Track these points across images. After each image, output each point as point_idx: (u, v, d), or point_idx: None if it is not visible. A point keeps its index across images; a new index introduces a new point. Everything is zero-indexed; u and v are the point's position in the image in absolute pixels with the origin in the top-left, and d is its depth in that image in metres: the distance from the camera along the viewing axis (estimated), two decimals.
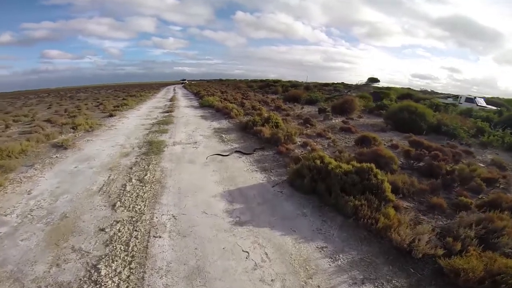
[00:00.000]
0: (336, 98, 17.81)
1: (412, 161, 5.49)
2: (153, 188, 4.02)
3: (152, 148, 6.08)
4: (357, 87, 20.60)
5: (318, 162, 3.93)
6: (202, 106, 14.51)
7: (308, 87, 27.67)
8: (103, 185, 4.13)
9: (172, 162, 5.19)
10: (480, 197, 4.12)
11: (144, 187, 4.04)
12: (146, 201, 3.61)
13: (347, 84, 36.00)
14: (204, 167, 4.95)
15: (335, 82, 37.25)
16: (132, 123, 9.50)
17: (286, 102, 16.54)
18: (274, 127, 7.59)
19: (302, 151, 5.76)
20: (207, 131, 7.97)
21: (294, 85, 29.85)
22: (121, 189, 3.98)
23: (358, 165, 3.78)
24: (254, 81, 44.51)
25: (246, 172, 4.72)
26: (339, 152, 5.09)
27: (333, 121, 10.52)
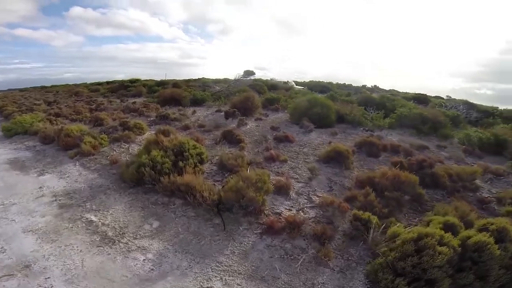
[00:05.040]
0: (222, 96, 15.82)
1: None
2: None
3: None
4: (236, 81, 19.58)
5: (446, 251, 1.70)
6: (9, 135, 7.58)
7: (177, 84, 23.75)
8: None
9: None
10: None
11: None
12: None
13: (211, 79, 34.79)
14: None
15: (194, 78, 34.63)
16: None
17: (166, 107, 12.51)
18: (198, 163, 4.28)
19: (306, 216, 3.11)
20: (40, 211, 3.19)
21: (162, 83, 24.79)
22: None
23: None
24: (99, 83, 33.47)
25: None
26: (365, 198, 2.92)
27: (249, 126, 8.37)
